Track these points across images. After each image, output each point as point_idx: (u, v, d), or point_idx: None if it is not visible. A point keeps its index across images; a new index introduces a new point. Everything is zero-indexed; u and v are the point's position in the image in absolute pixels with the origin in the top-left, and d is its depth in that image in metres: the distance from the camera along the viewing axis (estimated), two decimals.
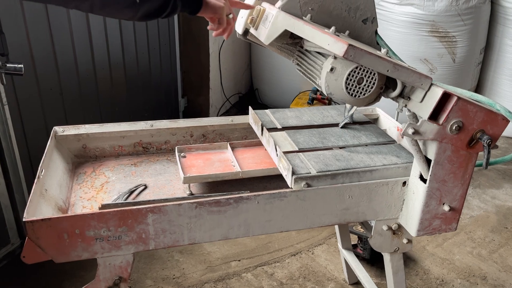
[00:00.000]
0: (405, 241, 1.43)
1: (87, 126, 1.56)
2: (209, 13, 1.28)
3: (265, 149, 1.51)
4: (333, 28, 1.21)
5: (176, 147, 1.57)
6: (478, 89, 4.06)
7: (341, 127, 1.57)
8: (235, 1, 1.37)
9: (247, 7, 1.41)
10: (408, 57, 3.46)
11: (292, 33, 1.32)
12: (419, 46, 3.49)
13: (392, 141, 1.50)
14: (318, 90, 3.51)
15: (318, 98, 3.51)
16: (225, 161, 1.55)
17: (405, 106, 1.23)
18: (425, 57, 3.53)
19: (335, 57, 1.20)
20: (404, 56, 1.36)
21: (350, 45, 1.09)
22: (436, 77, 3.51)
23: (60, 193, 1.34)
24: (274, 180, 1.49)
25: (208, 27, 1.36)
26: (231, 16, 1.34)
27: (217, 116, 3.96)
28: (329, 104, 3.50)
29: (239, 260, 2.38)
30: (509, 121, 1.16)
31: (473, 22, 3.50)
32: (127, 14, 1.14)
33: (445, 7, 3.37)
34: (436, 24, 3.41)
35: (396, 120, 1.66)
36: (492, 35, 3.84)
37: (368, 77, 1.20)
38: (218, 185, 1.47)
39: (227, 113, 4.14)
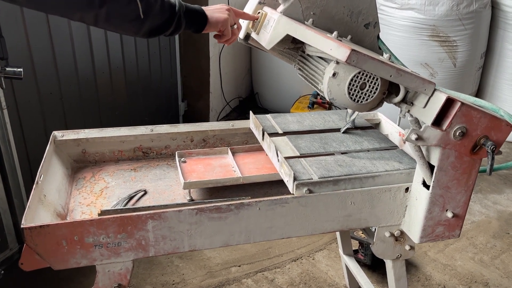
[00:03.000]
0: (407, 247, 1.41)
1: (86, 130, 1.55)
2: (214, 29, 1.29)
3: (266, 154, 1.50)
4: (335, 33, 1.20)
5: (176, 152, 1.56)
6: (478, 93, 4.05)
7: (343, 132, 1.56)
8: (240, 12, 1.37)
9: (252, 18, 1.41)
10: (408, 61, 3.45)
11: (293, 38, 1.31)
12: (420, 50, 3.48)
13: (394, 147, 1.49)
14: (318, 94, 3.50)
15: (319, 102, 3.50)
16: (226, 166, 1.54)
17: (408, 111, 1.22)
18: (426, 62, 3.53)
19: (337, 62, 1.18)
20: (404, 61, 1.34)
21: (353, 50, 1.08)
22: (436, 82, 3.49)
23: (59, 198, 1.33)
24: (275, 185, 1.48)
25: (214, 36, 1.36)
26: (235, 26, 1.34)
27: (217, 120, 3.95)
28: (330, 108, 3.49)
29: (239, 266, 2.36)
30: None
31: (473, 27, 3.49)
32: (131, 29, 1.14)
33: (445, 12, 3.37)
34: (437, 28, 3.41)
35: (398, 125, 1.65)
36: (493, 39, 3.83)
37: (371, 82, 1.19)
38: (218, 191, 1.46)
39: (227, 117, 4.13)
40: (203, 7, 1.27)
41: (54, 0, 1.05)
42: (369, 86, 1.20)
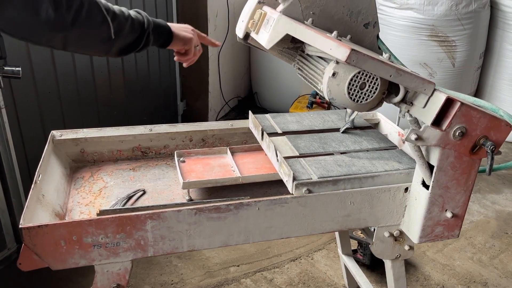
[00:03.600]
0: (406, 247, 1.41)
1: (85, 130, 1.55)
2: (179, 45, 1.31)
3: (265, 154, 1.49)
4: (335, 32, 1.19)
5: (175, 152, 1.55)
6: (477, 93, 4.06)
7: (342, 132, 1.56)
8: (202, 35, 1.40)
9: (212, 44, 1.46)
10: (407, 61, 3.45)
11: (293, 38, 1.30)
12: (419, 50, 3.48)
13: (394, 147, 1.49)
14: (317, 94, 3.50)
15: (318, 102, 3.49)
16: (225, 166, 1.53)
17: (408, 111, 1.21)
18: (425, 62, 3.53)
19: (337, 62, 1.18)
20: (403, 61, 1.35)
21: (352, 50, 1.08)
22: (435, 82, 3.47)
23: (57, 198, 1.32)
24: (274, 185, 1.48)
25: (175, 59, 1.38)
26: (198, 47, 1.37)
27: (216, 119, 3.94)
28: (329, 108, 3.49)
29: (238, 266, 2.36)
30: None
31: (472, 27, 3.49)
32: (102, 49, 1.12)
33: (444, 12, 3.37)
34: (436, 28, 3.41)
35: (397, 125, 1.65)
36: (492, 39, 3.84)
37: (371, 82, 1.19)
38: (217, 191, 1.45)
39: (226, 116, 4.12)
40: (169, 23, 1.28)
41: (21, 23, 0.96)
42: (369, 86, 1.19)
